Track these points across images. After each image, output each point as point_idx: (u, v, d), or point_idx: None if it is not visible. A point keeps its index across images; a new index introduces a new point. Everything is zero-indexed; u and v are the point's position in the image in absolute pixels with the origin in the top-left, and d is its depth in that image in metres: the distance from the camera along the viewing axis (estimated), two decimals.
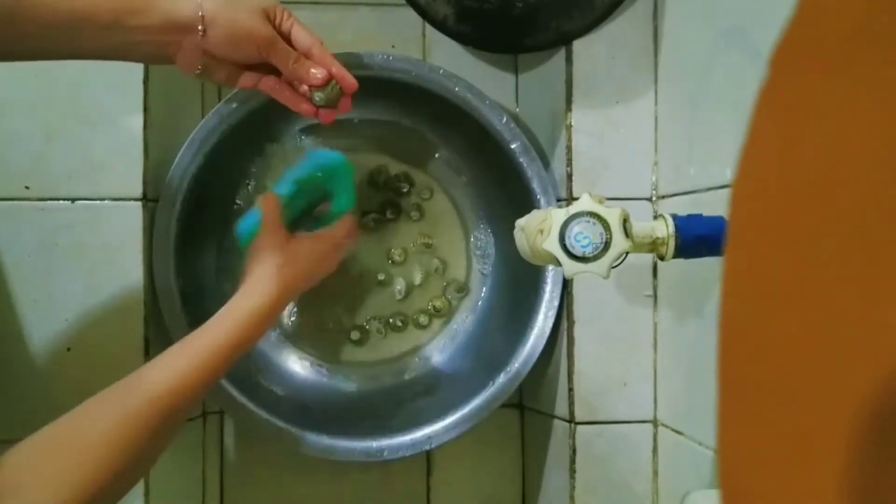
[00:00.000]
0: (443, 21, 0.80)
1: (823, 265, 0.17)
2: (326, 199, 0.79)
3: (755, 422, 0.19)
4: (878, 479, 0.16)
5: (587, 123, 0.78)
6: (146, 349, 0.74)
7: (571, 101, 0.77)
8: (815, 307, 0.18)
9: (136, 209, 0.74)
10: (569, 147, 0.78)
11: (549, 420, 0.83)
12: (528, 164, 0.80)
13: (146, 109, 0.74)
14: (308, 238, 0.74)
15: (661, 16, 0.77)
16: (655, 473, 0.78)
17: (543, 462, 0.87)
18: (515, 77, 0.92)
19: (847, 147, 0.17)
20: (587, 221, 0.56)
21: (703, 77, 0.69)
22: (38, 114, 0.73)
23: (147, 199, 0.75)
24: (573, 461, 0.77)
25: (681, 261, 0.59)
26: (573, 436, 0.77)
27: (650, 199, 0.78)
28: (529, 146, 0.80)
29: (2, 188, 0.72)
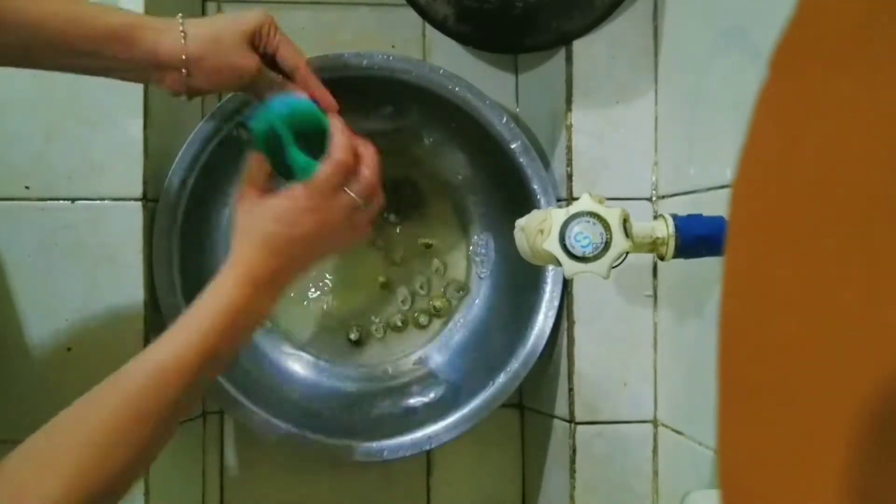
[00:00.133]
0: (443, 21, 0.80)
1: (823, 265, 0.17)
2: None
3: (755, 422, 0.19)
4: (878, 479, 0.16)
5: (587, 123, 0.78)
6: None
7: (571, 101, 0.77)
8: (815, 307, 0.18)
9: (136, 209, 0.74)
10: (569, 147, 0.78)
11: (549, 420, 0.83)
12: (528, 164, 0.80)
13: (146, 109, 0.74)
14: (278, 193, 0.62)
15: (661, 16, 0.77)
16: (655, 473, 0.78)
17: (543, 462, 0.87)
18: (515, 77, 0.92)
19: (847, 147, 0.17)
20: (587, 221, 0.56)
21: (703, 77, 0.69)
22: (39, 114, 0.73)
23: (147, 199, 0.75)
24: (573, 461, 0.77)
25: (681, 261, 0.59)
26: (573, 436, 0.77)
27: (650, 199, 0.78)
28: (529, 146, 0.80)
29: (2, 188, 0.73)
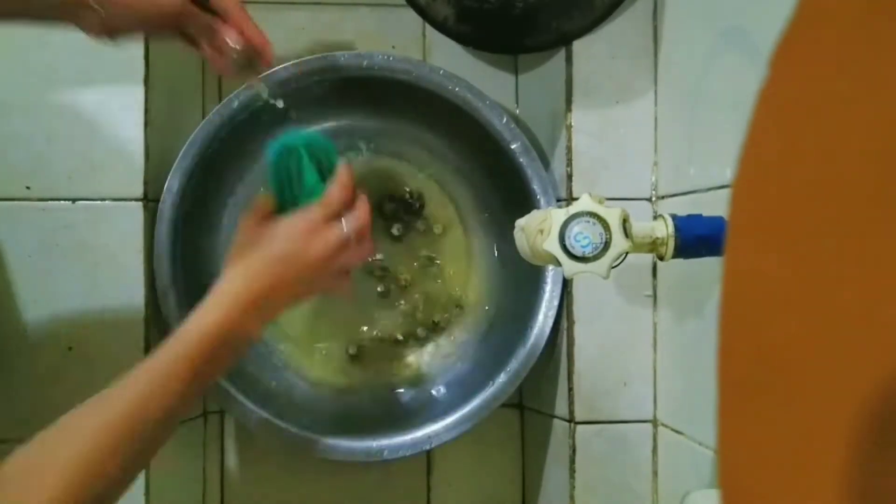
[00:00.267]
0: (443, 21, 0.80)
1: (823, 265, 0.17)
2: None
3: (755, 422, 0.19)
4: (878, 479, 0.16)
5: (587, 123, 0.78)
6: (146, 349, 0.74)
7: (571, 101, 0.77)
8: (815, 307, 0.18)
9: (137, 209, 0.74)
10: (569, 147, 0.78)
11: (549, 420, 0.83)
12: (528, 164, 0.80)
13: (146, 109, 0.74)
14: (277, 219, 0.61)
15: (661, 16, 0.77)
16: (655, 473, 0.78)
17: (543, 462, 0.87)
18: (515, 77, 0.92)
19: (847, 147, 0.17)
20: (587, 221, 0.56)
21: (703, 77, 0.69)
22: (39, 114, 0.73)
23: (147, 199, 0.75)
24: (573, 461, 0.77)
25: (681, 261, 0.59)
26: (573, 435, 0.77)
27: (650, 199, 0.78)
28: (529, 146, 0.80)
29: (3, 188, 0.73)
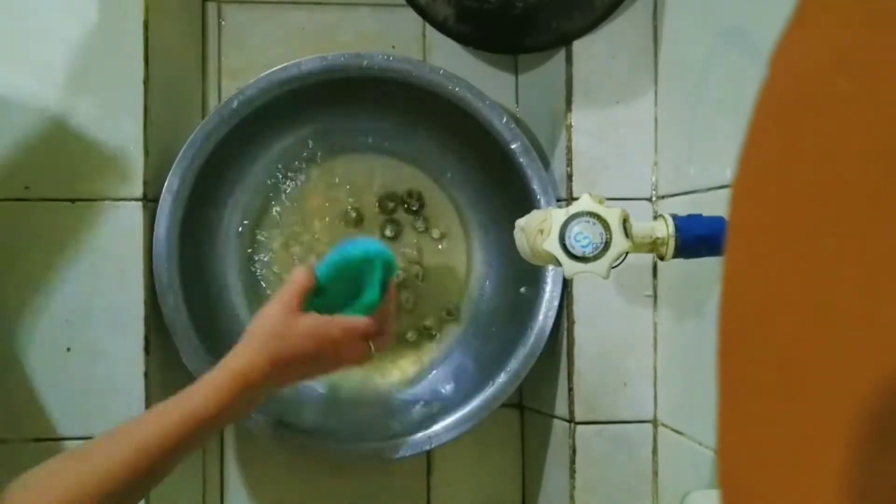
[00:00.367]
0: (443, 21, 0.80)
1: (823, 265, 0.17)
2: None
3: (755, 422, 0.19)
4: (878, 479, 0.16)
5: (587, 123, 0.78)
6: (146, 349, 0.74)
7: (571, 101, 0.77)
8: (815, 307, 0.18)
9: (137, 209, 0.74)
10: (569, 147, 0.78)
11: (549, 420, 0.83)
12: (528, 164, 0.80)
13: (146, 109, 0.74)
14: (314, 317, 0.65)
15: (661, 16, 0.77)
16: (655, 473, 0.78)
17: (543, 462, 0.86)
18: (515, 77, 0.92)
19: (847, 147, 0.17)
20: (587, 221, 0.56)
21: (703, 77, 0.69)
22: (39, 114, 0.73)
23: (147, 199, 0.75)
24: (573, 461, 0.77)
25: (681, 261, 0.59)
26: (573, 436, 0.77)
27: (650, 199, 0.78)
28: (529, 146, 0.80)
29: (2, 188, 0.72)
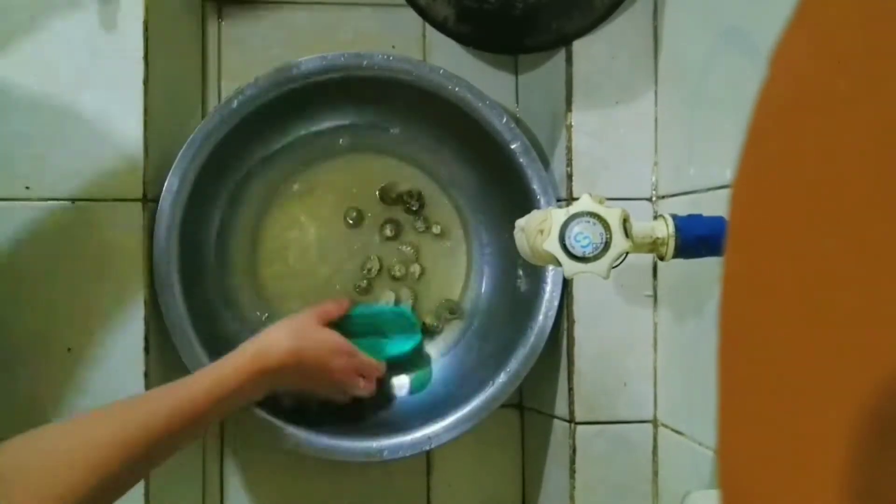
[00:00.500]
0: (443, 22, 0.80)
1: (823, 265, 0.17)
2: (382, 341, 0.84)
3: (755, 422, 0.19)
4: (879, 479, 0.16)
5: (587, 123, 0.78)
6: (146, 349, 0.74)
7: (571, 102, 0.77)
8: (815, 307, 0.18)
9: (136, 209, 0.74)
10: (569, 147, 0.78)
11: (549, 420, 0.83)
12: (528, 164, 0.80)
13: (146, 109, 0.74)
14: (336, 335, 0.76)
15: (661, 16, 0.77)
16: (655, 473, 0.78)
17: (543, 462, 0.86)
18: (515, 77, 0.92)
19: (847, 147, 0.17)
20: (587, 221, 0.56)
21: (703, 77, 0.69)
22: (39, 114, 0.73)
23: (147, 199, 0.75)
24: (573, 461, 0.77)
25: (681, 261, 0.59)
26: (573, 436, 0.77)
27: (650, 199, 0.78)
28: (529, 146, 0.80)
29: (2, 188, 0.72)
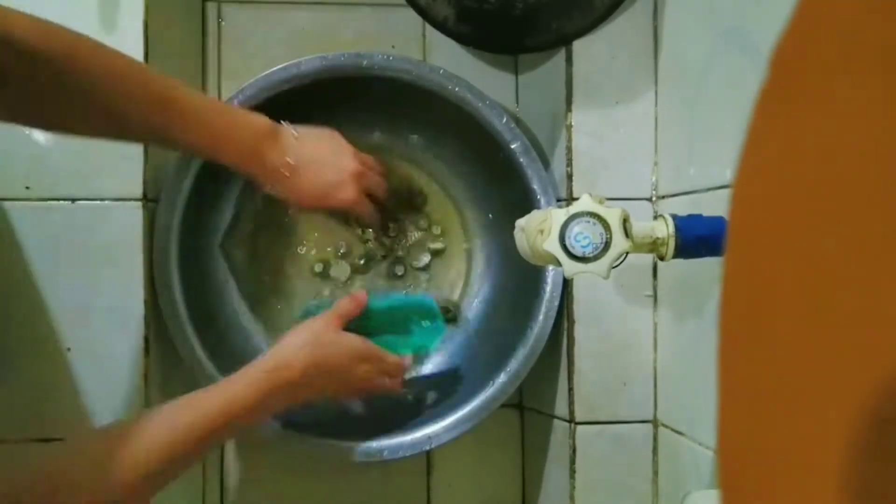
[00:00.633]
0: (443, 21, 0.80)
1: (823, 265, 0.17)
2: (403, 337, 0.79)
3: (755, 422, 0.19)
4: (878, 479, 0.16)
5: (587, 123, 0.78)
6: (146, 349, 0.74)
7: (571, 102, 0.77)
8: (815, 307, 0.18)
9: (136, 209, 0.74)
10: (569, 147, 0.77)
11: (549, 420, 0.83)
12: (528, 165, 0.80)
13: None
14: (357, 340, 0.71)
15: (661, 16, 0.77)
16: (655, 473, 0.78)
17: (543, 462, 0.86)
18: (515, 77, 0.92)
19: (847, 147, 0.17)
20: (587, 221, 0.56)
21: (703, 77, 0.69)
22: None
23: (147, 199, 0.75)
24: (573, 461, 0.77)
25: (681, 261, 0.59)
26: (573, 436, 0.77)
27: (650, 200, 0.78)
28: (529, 146, 0.80)
29: (2, 188, 0.72)
